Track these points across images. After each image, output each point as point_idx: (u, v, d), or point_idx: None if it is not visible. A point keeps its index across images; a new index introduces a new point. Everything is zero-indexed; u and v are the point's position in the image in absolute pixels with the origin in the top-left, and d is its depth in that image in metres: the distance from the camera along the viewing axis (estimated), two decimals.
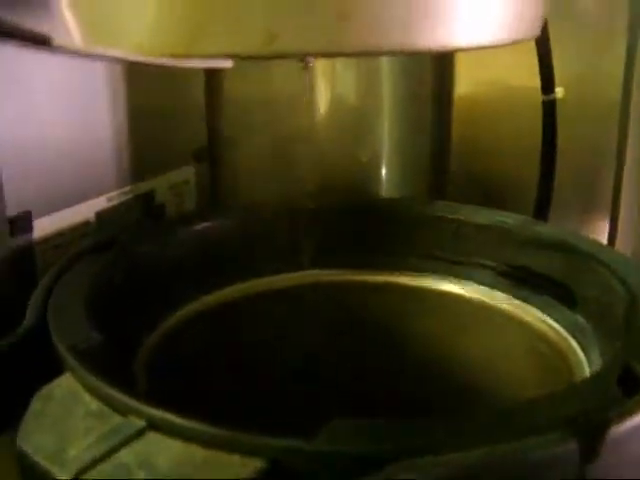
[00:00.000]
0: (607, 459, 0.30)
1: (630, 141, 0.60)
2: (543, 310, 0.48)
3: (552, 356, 0.46)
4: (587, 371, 0.43)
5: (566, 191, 0.61)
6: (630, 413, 0.31)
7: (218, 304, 0.49)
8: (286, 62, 0.47)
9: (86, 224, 0.52)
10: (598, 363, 0.43)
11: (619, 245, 0.63)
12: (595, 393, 0.32)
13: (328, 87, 0.60)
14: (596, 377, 0.36)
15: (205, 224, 0.51)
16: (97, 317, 0.40)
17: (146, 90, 0.55)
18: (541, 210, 0.57)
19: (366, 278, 0.53)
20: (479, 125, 0.64)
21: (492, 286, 0.51)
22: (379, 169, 0.62)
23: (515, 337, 0.49)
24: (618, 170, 0.59)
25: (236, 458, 0.29)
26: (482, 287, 0.51)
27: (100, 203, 0.52)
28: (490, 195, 0.62)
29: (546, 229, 0.51)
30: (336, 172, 0.61)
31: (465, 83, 0.64)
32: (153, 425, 0.31)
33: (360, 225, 0.54)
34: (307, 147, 0.61)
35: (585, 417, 0.30)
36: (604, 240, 0.61)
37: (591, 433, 0.30)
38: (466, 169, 0.64)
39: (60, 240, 0.50)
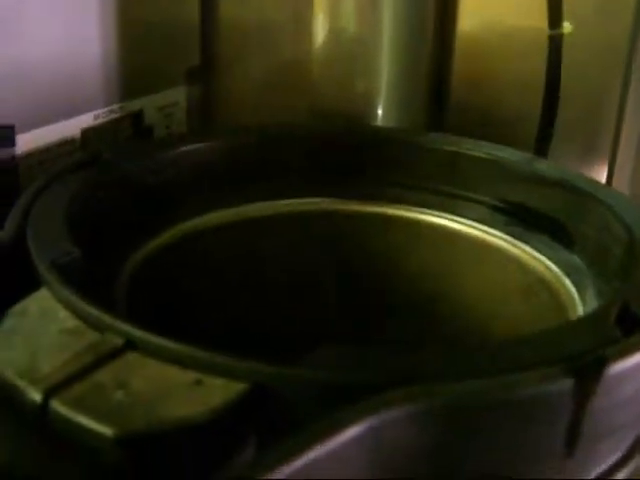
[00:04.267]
0: (603, 398, 0.30)
1: (632, 85, 0.59)
2: (538, 248, 0.47)
3: (546, 295, 0.45)
4: (580, 311, 0.42)
5: (567, 133, 0.59)
6: (627, 352, 0.30)
7: (205, 227, 0.48)
8: None
9: (72, 141, 0.50)
10: (593, 304, 0.42)
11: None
12: (592, 331, 0.31)
13: (326, 14, 0.57)
14: (594, 315, 0.35)
15: (194, 145, 0.49)
16: (78, 234, 0.38)
17: (138, 3, 0.52)
18: (541, 148, 0.55)
19: (357, 209, 0.51)
20: (482, 63, 0.62)
21: (487, 222, 0.49)
22: (375, 102, 0.60)
23: (509, 275, 0.48)
24: (619, 115, 0.57)
25: (217, 381, 0.27)
26: (477, 223, 0.50)
27: (86, 120, 0.50)
28: (490, 134, 0.60)
29: (545, 166, 0.49)
30: (331, 102, 0.59)
31: (469, 19, 0.62)
32: (131, 344, 0.29)
33: (352, 154, 0.52)
34: (303, 74, 0.59)
35: (582, 355, 0.29)
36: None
37: (588, 372, 0.29)
38: (466, 107, 0.62)
39: (44, 156, 0.49)
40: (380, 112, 0.60)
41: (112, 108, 0.51)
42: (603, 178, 0.60)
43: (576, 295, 0.43)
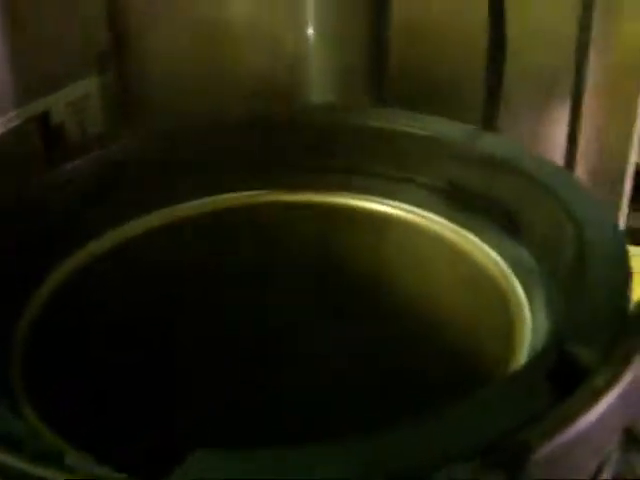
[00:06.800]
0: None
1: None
2: (483, 238, 0.43)
3: (490, 292, 0.41)
4: (528, 316, 0.38)
5: (521, 84, 0.54)
6: (560, 424, 0.26)
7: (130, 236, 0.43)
8: None
9: None
10: (541, 310, 0.37)
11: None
12: (516, 405, 0.27)
13: None
14: (517, 380, 0.30)
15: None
16: None
17: None
18: (489, 108, 0.50)
19: (287, 198, 0.47)
20: (422, 9, 0.56)
21: (427, 207, 0.45)
22: (306, 66, 0.54)
23: (450, 266, 0.44)
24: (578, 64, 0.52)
25: None
26: (416, 208, 0.45)
27: None
28: (436, 92, 0.55)
29: (492, 143, 0.44)
30: (258, 67, 0.54)
31: None
32: None
33: (281, 139, 0.47)
34: (225, 36, 0.53)
35: (504, 441, 0.26)
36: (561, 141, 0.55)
37: (513, 459, 0.25)
38: (408, 61, 0.56)
39: None
40: (313, 79, 0.54)
41: (9, 116, 0.46)
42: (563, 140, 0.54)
43: (523, 297, 0.39)
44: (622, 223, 0.56)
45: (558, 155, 0.56)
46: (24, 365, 0.35)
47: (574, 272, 0.36)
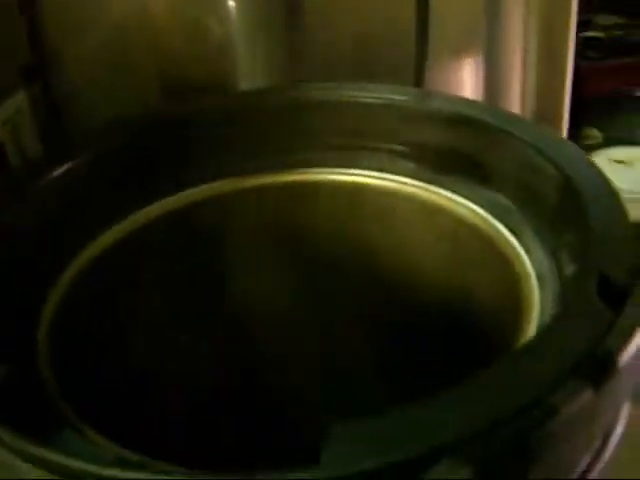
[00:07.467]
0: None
1: None
2: (456, 191, 0.44)
3: (474, 240, 0.43)
4: (525, 257, 0.40)
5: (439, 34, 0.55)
6: (630, 333, 0.29)
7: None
8: None
9: None
10: (534, 244, 0.40)
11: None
12: (588, 321, 0.29)
13: None
14: (575, 305, 0.32)
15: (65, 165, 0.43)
16: None
17: None
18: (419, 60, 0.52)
19: (245, 184, 0.47)
20: None
21: (393, 170, 0.46)
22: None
23: (430, 225, 0.45)
24: None
25: None
26: (382, 173, 0.47)
27: None
28: (355, 49, 0.56)
29: (441, 101, 0.46)
30: (183, 58, 0.53)
31: None
32: None
33: (234, 126, 0.47)
34: (147, 28, 0.52)
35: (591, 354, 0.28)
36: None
37: (600, 370, 0.28)
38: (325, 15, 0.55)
39: None
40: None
41: None
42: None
43: (515, 241, 0.41)
44: None
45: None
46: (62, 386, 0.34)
47: (564, 207, 0.38)
